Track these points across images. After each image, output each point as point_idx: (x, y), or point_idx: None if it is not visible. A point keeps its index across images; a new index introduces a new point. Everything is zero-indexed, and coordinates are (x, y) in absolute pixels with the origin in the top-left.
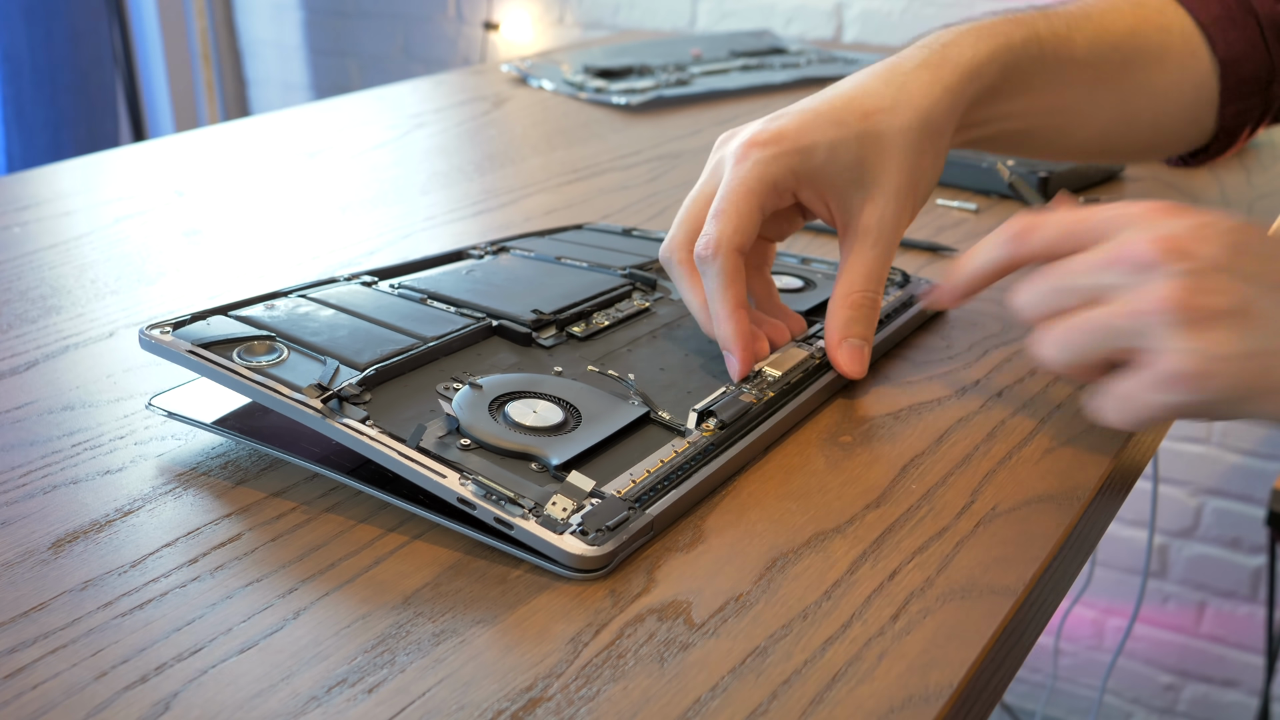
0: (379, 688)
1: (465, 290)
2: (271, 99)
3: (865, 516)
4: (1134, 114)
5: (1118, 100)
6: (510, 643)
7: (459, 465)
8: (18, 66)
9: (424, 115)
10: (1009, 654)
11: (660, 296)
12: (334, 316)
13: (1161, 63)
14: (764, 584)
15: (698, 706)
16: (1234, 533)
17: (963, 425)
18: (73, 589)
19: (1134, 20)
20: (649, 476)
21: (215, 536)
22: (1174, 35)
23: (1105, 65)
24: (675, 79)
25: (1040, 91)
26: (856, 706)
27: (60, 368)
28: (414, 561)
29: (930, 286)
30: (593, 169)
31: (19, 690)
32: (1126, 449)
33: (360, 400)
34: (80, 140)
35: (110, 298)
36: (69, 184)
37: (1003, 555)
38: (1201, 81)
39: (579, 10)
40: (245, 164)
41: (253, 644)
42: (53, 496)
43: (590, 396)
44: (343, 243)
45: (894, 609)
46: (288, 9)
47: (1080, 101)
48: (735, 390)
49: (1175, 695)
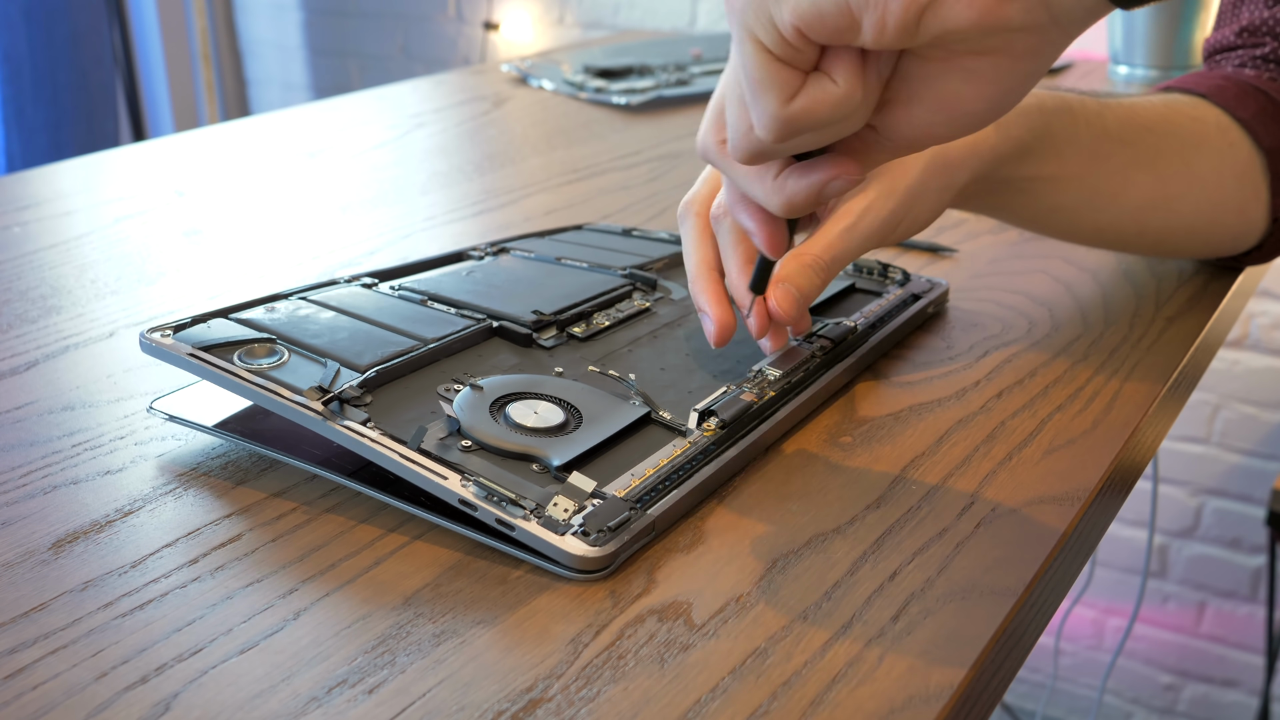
0: (379, 688)
1: (466, 291)
2: (271, 99)
3: (866, 517)
4: (1172, 198)
5: (1154, 181)
6: (511, 643)
7: (460, 467)
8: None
9: (424, 115)
10: (1009, 654)
11: (661, 296)
12: (334, 318)
13: (1198, 149)
14: (764, 585)
15: (698, 707)
16: (1234, 533)
17: (963, 426)
18: (73, 589)
19: (1165, 110)
20: (650, 477)
21: (215, 537)
22: (1209, 125)
23: (1140, 145)
24: (675, 79)
25: (1071, 159)
26: (857, 707)
27: (60, 368)
28: (414, 562)
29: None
30: (593, 169)
31: (19, 690)
32: (1126, 449)
33: (361, 402)
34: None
35: (110, 298)
36: (69, 184)
37: (1003, 556)
38: (1243, 172)
39: (579, 10)
40: (245, 164)
41: (253, 644)
42: (53, 497)
43: (591, 397)
44: (343, 243)
45: (894, 610)
46: (288, 9)
47: (1113, 176)
48: (736, 390)
49: (1175, 695)
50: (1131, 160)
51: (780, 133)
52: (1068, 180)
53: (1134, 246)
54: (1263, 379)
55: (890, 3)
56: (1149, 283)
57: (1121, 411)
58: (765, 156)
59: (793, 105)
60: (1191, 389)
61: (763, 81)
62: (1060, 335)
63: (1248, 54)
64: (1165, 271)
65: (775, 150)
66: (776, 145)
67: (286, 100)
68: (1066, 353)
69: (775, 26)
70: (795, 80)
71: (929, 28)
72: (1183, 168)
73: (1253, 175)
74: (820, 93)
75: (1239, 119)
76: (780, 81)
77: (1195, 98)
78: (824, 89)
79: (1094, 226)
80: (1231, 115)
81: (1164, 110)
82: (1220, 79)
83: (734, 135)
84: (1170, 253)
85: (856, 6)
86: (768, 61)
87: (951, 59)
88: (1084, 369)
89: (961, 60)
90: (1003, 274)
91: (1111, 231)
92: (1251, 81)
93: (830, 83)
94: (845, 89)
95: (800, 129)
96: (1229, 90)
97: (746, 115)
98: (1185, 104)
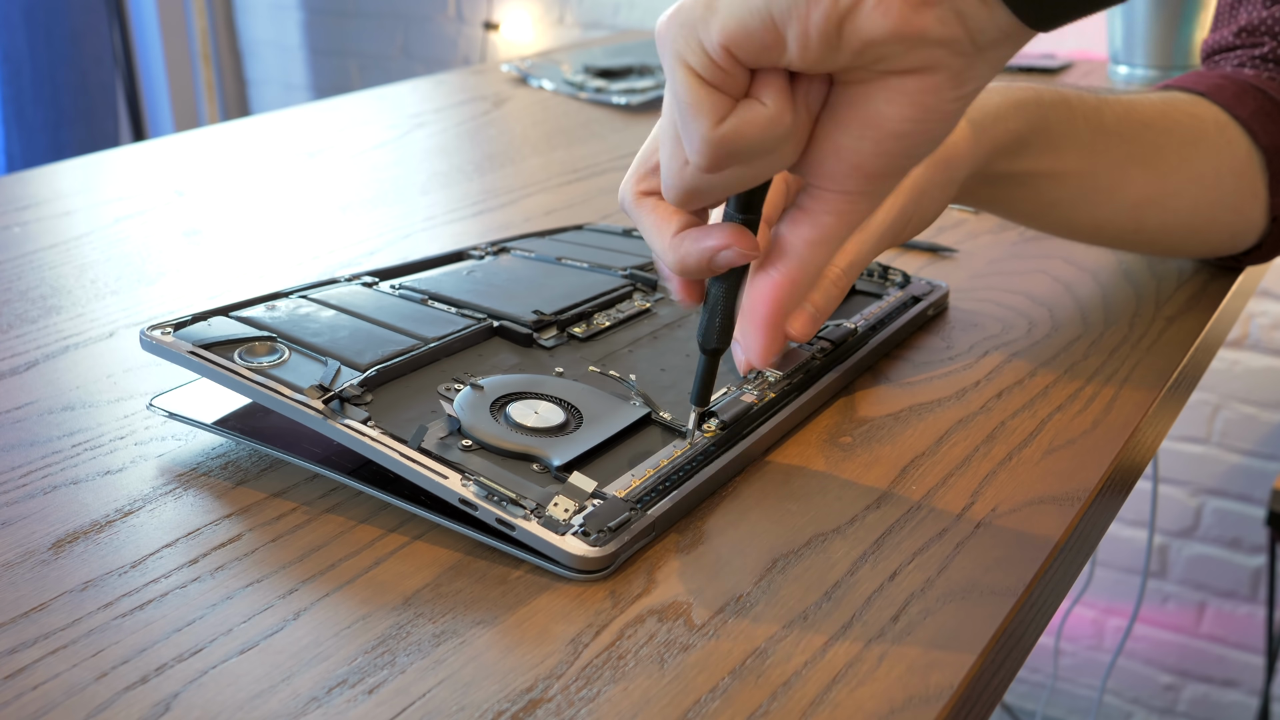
0: (379, 688)
1: (466, 291)
2: (271, 99)
3: (865, 517)
4: (1169, 194)
5: (1152, 177)
6: (511, 644)
7: (460, 466)
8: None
9: (424, 115)
10: (1009, 654)
11: (661, 297)
12: (335, 317)
13: (1197, 147)
14: (764, 585)
15: (698, 708)
16: (1234, 533)
17: (963, 426)
18: (73, 589)
19: (1164, 107)
20: (650, 477)
21: (215, 537)
22: (1207, 123)
23: (1137, 141)
24: None
25: (1068, 153)
26: (857, 708)
27: (60, 368)
28: (414, 562)
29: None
30: (593, 169)
31: (19, 690)
32: (1126, 449)
33: (361, 401)
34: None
35: (110, 298)
36: (69, 184)
37: (1003, 556)
38: (1241, 170)
39: (579, 10)
40: (245, 164)
41: (253, 644)
42: (53, 497)
43: (591, 397)
44: (343, 243)
45: (894, 610)
46: (288, 9)
47: (1111, 172)
48: (736, 391)
49: (1175, 695)
50: (1129, 156)
51: (711, 156)
52: (1065, 175)
53: (1132, 244)
54: (1263, 379)
55: (811, 14)
56: (1149, 283)
57: (1121, 411)
58: (698, 194)
59: (723, 127)
60: (1191, 389)
61: (694, 105)
62: (1060, 335)
63: (1246, 54)
64: (1165, 271)
65: (708, 184)
66: (709, 176)
67: (286, 100)
68: (1066, 353)
69: (704, 49)
70: (726, 105)
71: (849, 40)
72: (1180, 164)
73: (1251, 173)
74: (750, 114)
75: (1237, 117)
76: (711, 104)
77: (1194, 95)
78: (753, 110)
79: (1092, 222)
80: (1230, 113)
81: (1162, 107)
82: (1219, 78)
83: (668, 174)
84: (1169, 251)
85: (780, 19)
86: (698, 86)
87: (874, 80)
88: (1084, 369)
89: (884, 80)
90: (1003, 274)
91: (1110, 228)
92: (1250, 80)
93: (759, 105)
94: (774, 109)
95: (731, 152)
96: (1227, 89)
97: (680, 151)
98: (1184, 101)
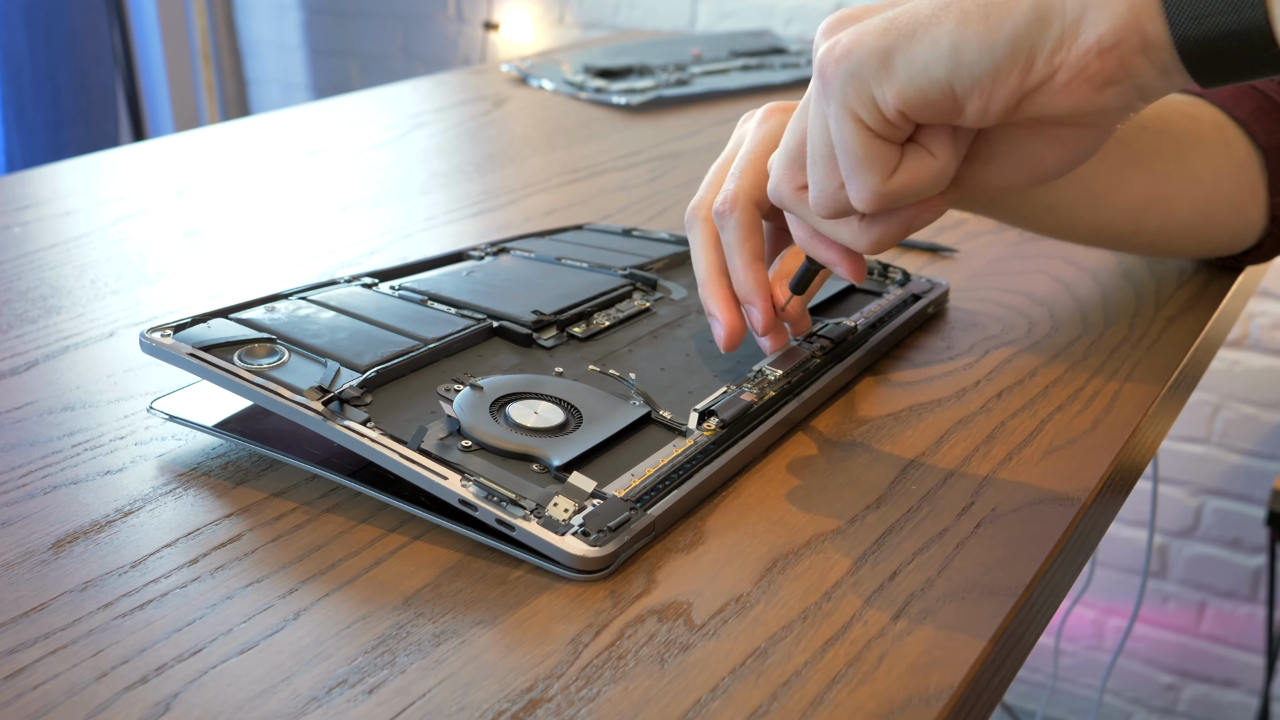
0: (379, 688)
1: (466, 291)
2: (271, 99)
3: (865, 517)
4: (1168, 197)
5: (1150, 180)
6: (511, 644)
7: (460, 467)
8: (18, 66)
9: (424, 115)
10: (1009, 654)
11: (660, 297)
12: (335, 318)
13: (1194, 148)
14: (764, 585)
15: (698, 708)
16: (1234, 533)
17: (963, 426)
18: (73, 589)
19: (1161, 108)
20: (650, 477)
21: (215, 537)
22: (1204, 124)
23: (1135, 143)
24: (675, 79)
25: None
26: (857, 708)
27: (60, 368)
28: (414, 562)
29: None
30: (593, 169)
31: (19, 690)
32: (1126, 449)
33: (361, 402)
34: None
35: (110, 298)
36: (69, 184)
37: (1003, 556)
38: (1240, 170)
39: (579, 10)
40: (245, 164)
41: (253, 644)
42: (53, 497)
43: (591, 397)
44: (343, 243)
45: (894, 610)
46: (288, 9)
47: (1109, 175)
48: (736, 390)
49: (1175, 695)
50: (1127, 158)
51: (879, 206)
52: (1061, 180)
53: (1131, 245)
54: (1263, 379)
55: (995, 93)
56: (1149, 283)
57: (1121, 412)
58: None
59: (893, 181)
60: (1191, 389)
61: (864, 159)
62: (1060, 335)
63: None
64: (1165, 271)
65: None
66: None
67: (286, 100)
68: (1066, 353)
69: (877, 107)
70: (894, 155)
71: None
72: (1178, 166)
73: (1250, 173)
74: (919, 166)
75: (1235, 117)
76: (881, 158)
77: (1191, 96)
78: (923, 162)
79: (1091, 225)
80: (1228, 113)
81: (1160, 108)
82: None
83: (820, 193)
84: (1168, 252)
85: (962, 94)
86: (869, 140)
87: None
88: (1084, 369)
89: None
90: (1003, 274)
91: (1109, 230)
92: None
93: (929, 156)
94: (944, 162)
95: (899, 202)
96: (1225, 89)
97: (835, 176)
98: (1181, 102)
